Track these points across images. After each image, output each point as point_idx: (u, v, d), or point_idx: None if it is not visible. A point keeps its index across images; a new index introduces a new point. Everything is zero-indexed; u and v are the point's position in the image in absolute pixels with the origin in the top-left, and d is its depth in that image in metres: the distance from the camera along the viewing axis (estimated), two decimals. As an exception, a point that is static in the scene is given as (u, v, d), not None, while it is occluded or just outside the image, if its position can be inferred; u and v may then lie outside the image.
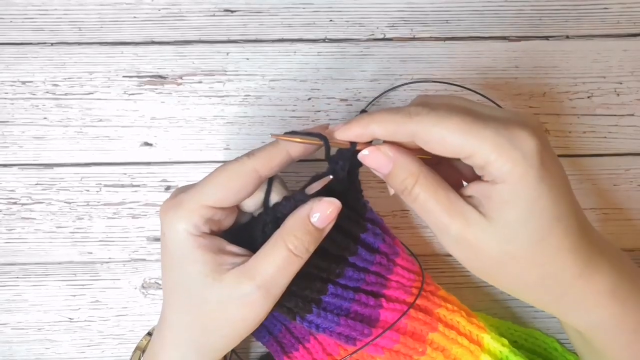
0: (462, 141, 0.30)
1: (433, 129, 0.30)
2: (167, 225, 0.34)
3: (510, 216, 0.30)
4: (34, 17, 0.45)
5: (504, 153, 0.29)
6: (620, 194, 0.47)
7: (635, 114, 0.47)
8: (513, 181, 0.30)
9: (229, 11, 0.45)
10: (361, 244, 0.37)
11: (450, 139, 0.30)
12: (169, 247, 0.34)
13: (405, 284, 0.39)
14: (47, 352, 0.47)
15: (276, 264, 0.33)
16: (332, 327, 0.36)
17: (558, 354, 0.45)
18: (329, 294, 0.36)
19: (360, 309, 0.37)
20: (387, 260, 0.38)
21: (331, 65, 0.46)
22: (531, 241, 0.31)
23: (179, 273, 0.34)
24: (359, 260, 0.37)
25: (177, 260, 0.34)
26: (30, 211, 0.46)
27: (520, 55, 0.46)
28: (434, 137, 0.30)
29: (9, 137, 0.45)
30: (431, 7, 0.45)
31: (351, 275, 0.37)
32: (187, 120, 0.46)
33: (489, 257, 0.32)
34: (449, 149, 0.30)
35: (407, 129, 0.31)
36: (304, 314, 0.36)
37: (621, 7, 0.46)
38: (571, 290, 0.33)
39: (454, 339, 0.39)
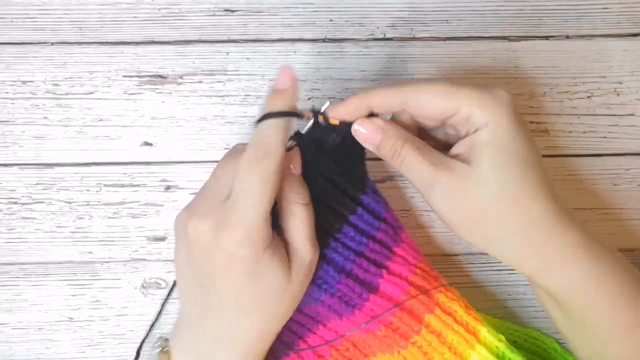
0: (448, 99, 0.34)
1: (421, 94, 0.35)
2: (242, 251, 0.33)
3: (489, 157, 0.34)
4: (34, 16, 0.45)
5: (484, 101, 0.34)
6: (620, 194, 0.47)
7: (635, 114, 0.47)
8: (493, 123, 0.34)
9: (229, 11, 0.45)
10: (362, 206, 0.38)
11: (437, 100, 0.35)
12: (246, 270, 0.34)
13: (410, 262, 0.39)
14: (47, 352, 0.47)
15: (303, 222, 0.35)
16: (333, 286, 0.37)
17: (557, 354, 0.45)
18: (330, 247, 0.37)
19: (361, 274, 0.38)
20: (394, 231, 0.39)
21: (331, 65, 0.46)
22: (509, 183, 0.34)
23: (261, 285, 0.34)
24: (361, 222, 0.38)
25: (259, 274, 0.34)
26: (31, 211, 0.46)
27: (520, 55, 0.46)
28: (423, 101, 0.35)
29: (9, 136, 0.45)
30: (431, 7, 0.45)
31: (352, 236, 0.38)
32: (187, 120, 0.46)
33: (474, 203, 0.34)
34: (437, 109, 0.35)
35: (400, 97, 0.35)
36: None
37: (621, 7, 0.46)
38: (550, 239, 0.35)
39: (450, 325, 0.38)
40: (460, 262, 0.47)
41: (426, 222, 0.47)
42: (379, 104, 0.36)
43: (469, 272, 0.47)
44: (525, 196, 0.34)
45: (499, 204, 0.34)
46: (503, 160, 0.34)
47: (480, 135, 0.34)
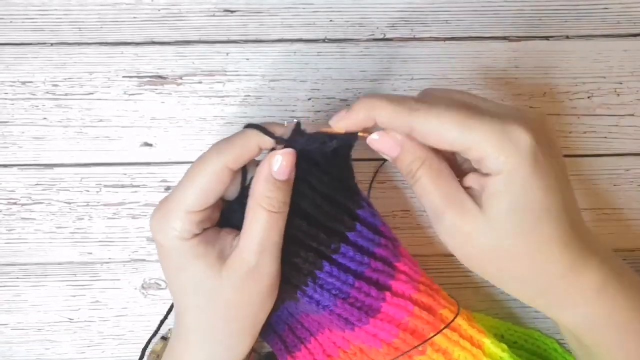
0: (459, 136, 0.31)
1: (430, 124, 0.31)
2: (160, 237, 0.34)
3: (501, 206, 0.31)
4: (34, 17, 0.45)
5: (498, 147, 0.30)
6: (620, 194, 0.47)
7: (635, 114, 0.47)
8: (506, 173, 0.31)
9: (229, 11, 0.45)
10: (360, 221, 0.36)
11: (446, 134, 0.31)
12: (169, 256, 0.34)
13: (413, 277, 0.37)
14: (47, 353, 0.47)
15: (261, 227, 0.33)
16: (330, 306, 0.36)
17: (558, 354, 0.45)
18: (324, 271, 0.35)
19: (360, 297, 0.36)
20: (393, 245, 0.37)
21: (331, 65, 0.46)
22: (520, 232, 0.32)
23: (185, 276, 0.35)
24: (360, 239, 0.36)
25: (180, 264, 0.34)
26: (30, 211, 0.46)
27: (520, 55, 0.46)
28: (431, 132, 0.31)
29: (8, 137, 0.45)
30: (431, 7, 0.45)
31: (352, 256, 0.36)
32: (187, 121, 0.46)
33: (480, 247, 0.33)
34: (446, 142, 0.31)
35: (406, 122, 0.32)
36: (302, 286, 0.36)
37: (621, 7, 0.46)
38: (558, 284, 0.33)
39: (456, 341, 0.38)
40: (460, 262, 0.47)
41: (426, 222, 0.47)
42: (382, 121, 0.33)
43: (469, 272, 0.47)
44: (535, 247, 0.32)
45: (507, 252, 0.32)
46: (517, 211, 0.31)
47: (493, 181, 0.31)
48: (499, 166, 0.31)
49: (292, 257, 0.35)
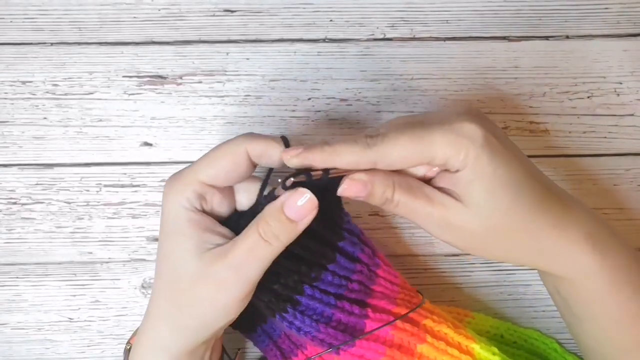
0: (420, 152, 0.34)
1: (390, 153, 0.34)
2: (165, 197, 0.35)
3: (478, 193, 0.34)
4: (34, 17, 0.45)
5: (455, 145, 0.33)
6: (620, 194, 0.47)
7: (635, 114, 0.47)
8: (471, 164, 0.34)
9: (229, 11, 0.45)
10: (340, 252, 0.37)
11: (409, 155, 0.34)
12: (164, 219, 0.35)
13: (389, 295, 0.38)
14: (47, 352, 0.47)
15: (247, 247, 0.34)
16: (312, 332, 0.36)
17: (557, 354, 0.45)
18: (305, 295, 0.36)
19: (344, 317, 0.36)
20: (368, 270, 0.38)
21: (331, 65, 0.46)
22: (504, 209, 0.34)
23: (167, 245, 0.35)
24: (338, 268, 0.37)
25: (168, 232, 0.35)
26: (30, 211, 0.46)
27: (520, 55, 0.46)
28: (395, 160, 0.34)
29: (8, 137, 0.45)
30: (431, 7, 0.45)
31: (330, 281, 0.36)
32: (187, 120, 0.46)
33: (475, 234, 0.35)
34: (410, 163, 0.34)
35: (369, 159, 0.34)
36: (282, 313, 0.36)
37: (621, 7, 0.46)
38: (549, 244, 0.36)
39: (444, 350, 0.38)
40: (460, 262, 0.47)
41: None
42: (346, 165, 0.34)
43: (469, 272, 0.47)
44: (519, 218, 0.35)
45: (501, 228, 0.35)
46: (492, 192, 0.34)
47: (462, 176, 0.34)
48: (463, 161, 0.33)
49: (271, 284, 0.36)
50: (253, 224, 0.34)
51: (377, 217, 0.47)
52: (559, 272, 0.37)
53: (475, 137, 0.33)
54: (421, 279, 0.47)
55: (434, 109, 0.46)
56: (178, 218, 0.35)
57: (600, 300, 0.37)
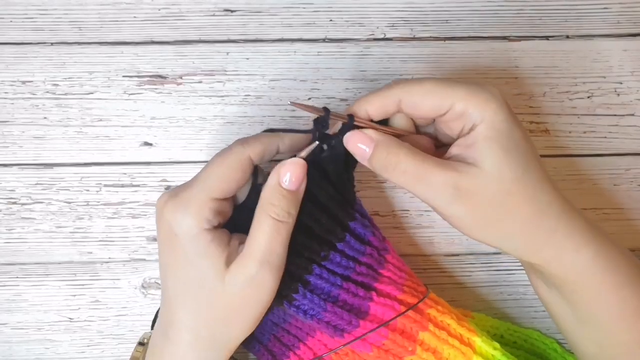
0: (441, 95, 0.34)
1: (415, 90, 0.35)
2: (178, 224, 0.34)
3: (494, 152, 0.34)
4: (34, 16, 0.45)
5: (476, 96, 0.34)
6: (620, 194, 0.47)
7: (635, 114, 0.47)
8: (489, 117, 0.34)
9: (229, 11, 0.45)
10: (350, 232, 0.37)
11: (431, 96, 0.35)
12: (181, 246, 0.34)
13: (397, 281, 0.38)
14: (47, 352, 0.47)
15: (266, 235, 0.34)
16: (319, 313, 0.36)
17: (557, 354, 0.45)
18: (314, 274, 0.36)
19: (349, 298, 0.36)
20: (378, 254, 0.38)
21: (331, 65, 0.46)
22: (516, 174, 0.34)
23: (191, 271, 0.34)
24: (347, 248, 0.37)
25: (190, 257, 0.34)
26: (30, 211, 0.46)
27: (520, 55, 0.46)
28: (416, 97, 0.35)
29: (8, 137, 0.45)
30: (431, 7, 0.45)
31: (339, 262, 0.37)
32: (187, 120, 0.46)
33: (485, 202, 0.34)
34: (430, 106, 0.35)
35: (394, 96, 0.35)
36: (291, 295, 0.36)
37: (621, 7, 0.46)
38: (560, 225, 0.35)
39: (445, 340, 0.38)
40: (460, 262, 0.47)
41: (426, 222, 0.47)
42: (375, 109, 0.36)
43: (469, 272, 0.47)
44: (532, 187, 0.35)
45: (510, 198, 0.34)
46: (506, 155, 0.34)
47: (478, 132, 0.34)
48: (481, 114, 0.34)
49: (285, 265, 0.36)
50: (261, 213, 0.34)
51: (377, 216, 0.47)
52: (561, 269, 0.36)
53: (496, 95, 0.34)
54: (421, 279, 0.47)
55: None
56: (201, 241, 0.34)
57: (604, 298, 0.36)
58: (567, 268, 0.36)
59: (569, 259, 0.36)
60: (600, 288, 0.36)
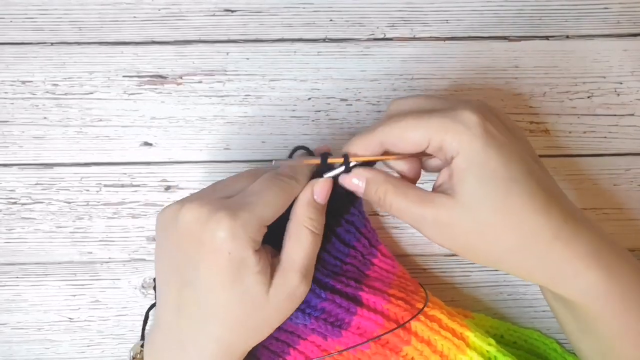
0: (417, 133, 0.35)
1: (392, 132, 0.36)
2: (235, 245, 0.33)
3: (467, 184, 0.34)
4: (34, 16, 0.45)
5: (450, 129, 0.34)
6: (620, 194, 0.47)
7: (635, 114, 0.47)
8: (464, 149, 0.34)
9: (229, 11, 0.45)
10: (336, 236, 0.40)
11: (408, 135, 0.35)
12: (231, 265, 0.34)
13: (384, 280, 0.40)
14: (47, 352, 0.47)
15: (306, 248, 0.36)
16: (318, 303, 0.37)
17: (557, 354, 0.45)
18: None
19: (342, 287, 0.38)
20: (362, 257, 0.41)
21: (331, 65, 0.46)
22: (494, 204, 0.34)
23: (237, 287, 0.34)
24: (333, 250, 0.40)
25: (238, 276, 0.34)
26: (30, 211, 0.46)
27: (520, 55, 0.46)
28: (395, 140, 0.36)
29: (8, 137, 0.45)
30: (431, 7, 0.45)
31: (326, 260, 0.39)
32: (187, 120, 0.46)
33: (466, 231, 0.34)
34: (411, 143, 0.35)
35: (375, 142, 0.36)
36: None
37: (621, 7, 0.46)
38: (550, 253, 0.34)
39: (437, 331, 0.38)
40: (460, 262, 0.47)
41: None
42: (361, 153, 0.37)
43: (469, 272, 0.47)
44: (515, 215, 0.34)
45: (489, 229, 0.34)
46: (482, 186, 0.34)
47: (455, 163, 0.34)
48: (456, 147, 0.34)
49: None
50: (298, 226, 0.36)
51: (377, 217, 0.47)
52: (562, 290, 0.36)
53: (470, 124, 0.34)
54: (421, 279, 0.47)
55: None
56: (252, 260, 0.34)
57: (607, 320, 0.36)
58: (565, 291, 0.36)
59: (566, 284, 0.35)
60: (603, 311, 0.35)
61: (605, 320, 0.36)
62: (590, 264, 0.34)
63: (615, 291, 0.35)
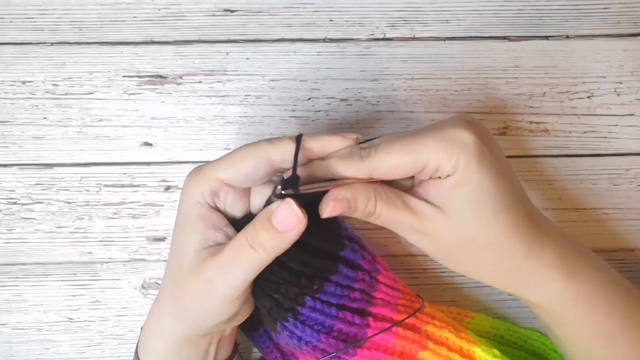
0: (412, 159, 0.34)
1: (385, 163, 0.34)
2: (183, 189, 0.36)
3: (460, 201, 0.34)
4: (33, 16, 0.45)
5: (447, 151, 0.33)
6: (620, 194, 0.47)
7: (635, 114, 0.47)
8: (459, 171, 0.33)
9: (229, 11, 0.45)
10: (342, 262, 0.37)
11: (402, 164, 0.34)
12: (179, 210, 0.36)
13: (390, 302, 0.38)
14: (47, 353, 0.47)
15: (233, 250, 0.34)
16: (313, 342, 0.36)
17: (557, 355, 0.45)
18: (307, 307, 0.35)
19: (345, 328, 0.36)
20: (370, 277, 0.38)
21: (331, 65, 0.46)
22: (482, 223, 0.35)
23: (177, 235, 0.36)
24: (341, 278, 0.36)
25: (180, 223, 0.36)
26: (30, 211, 0.46)
27: (520, 55, 0.46)
28: (389, 169, 0.34)
29: (8, 137, 0.45)
30: (431, 7, 0.45)
31: (333, 292, 0.36)
32: (187, 120, 0.45)
33: (449, 243, 0.35)
34: (404, 171, 0.34)
35: (364, 171, 0.34)
36: (282, 321, 0.36)
37: (621, 7, 0.46)
38: (522, 267, 0.36)
39: (445, 356, 0.38)
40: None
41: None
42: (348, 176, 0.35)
43: (469, 272, 0.47)
44: (496, 234, 0.35)
45: (472, 243, 0.35)
46: (473, 205, 0.34)
47: (448, 181, 0.34)
48: (452, 167, 0.33)
49: (273, 292, 0.35)
50: (244, 229, 0.34)
51: (377, 217, 0.47)
52: (531, 298, 0.37)
53: (467, 144, 0.33)
54: (421, 279, 0.47)
55: (434, 109, 0.46)
56: (190, 211, 0.35)
57: (575, 323, 0.38)
58: (534, 300, 0.38)
59: (534, 294, 0.37)
60: (570, 314, 0.37)
61: (574, 324, 0.38)
62: (555, 275, 0.36)
63: (580, 296, 0.37)
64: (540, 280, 0.36)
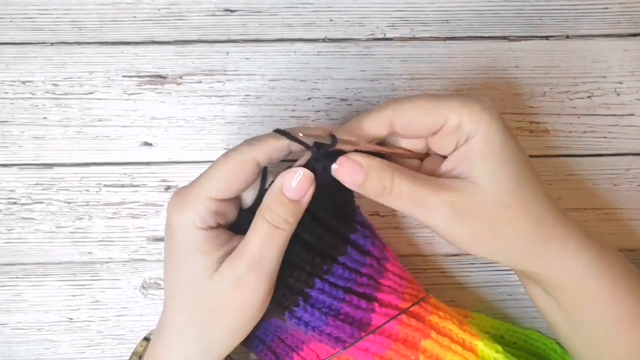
0: (434, 111, 0.33)
1: (405, 110, 0.33)
2: (174, 219, 0.34)
3: (488, 166, 0.33)
4: (33, 16, 0.45)
5: (471, 108, 0.33)
6: (620, 194, 0.47)
7: (635, 114, 0.47)
8: (484, 129, 0.33)
9: (229, 11, 0.45)
10: (351, 245, 0.37)
11: (423, 113, 0.33)
12: (175, 242, 0.34)
13: (397, 289, 0.38)
14: (47, 353, 0.47)
15: (259, 239, 0.33)
16: (321, 325, 0.36)
17: (557, 355, 0.45)
18: (316, 288, 0.36)
19: (351, 311, 0.36)
20: (378, 264, 0.38)
21: (331, 65, 0.46)
22: (511, 186, 0.33)
23: (183, 267, 0.34)
24: (349, 261, 0.37)
25: (183, 254, 0.34)
26: (30, 211, 0.46)
27: (520, 55, 0.46)
28: (408, 116, 0.33)
29: (8, 137, 0.45)
30: (431, 7, 0.45)
31: (341, 274, 0.36)
32: (187, 120, 0.46)
33: (481, 216, 0.33)
34: (424, 122, 0.33)
35: (384, 119, 0.33)
36: (292, 307, 0.36)
37: (621, 7, 0.46)
38: (553, 237, 0.35)
39: (448, 346, 0.38)
40: (460, 262, 0.47)
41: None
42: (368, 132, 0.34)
43: (469, 272, 0.47)
44: (527, 197, 0.34)
45: (506, 210, 0.34)
46: (501, 167, 0.33)
47: (472, 145, 0.33)
48: (476, 126, 0.33)
49: (285, 277, 0.36)
50: (259, 215, 0.34)
51: (377, 217, 0.47)
52: (558, 274, 0.36)
53: (490, 108, 0.33)
54: (421, 279, 0.47)
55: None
56: (193, 238, 0.34)
57: (600, 304, 0.36)
58: (563, 274, 0.36)
59: (565, 265, 0.36)
60: (598, 292, 0.36)
61: (599, 305, 0.36)
62: (584, 246, 0.36)
63: (607, 271, 0.36)
64: (571, 250, 0.35)
